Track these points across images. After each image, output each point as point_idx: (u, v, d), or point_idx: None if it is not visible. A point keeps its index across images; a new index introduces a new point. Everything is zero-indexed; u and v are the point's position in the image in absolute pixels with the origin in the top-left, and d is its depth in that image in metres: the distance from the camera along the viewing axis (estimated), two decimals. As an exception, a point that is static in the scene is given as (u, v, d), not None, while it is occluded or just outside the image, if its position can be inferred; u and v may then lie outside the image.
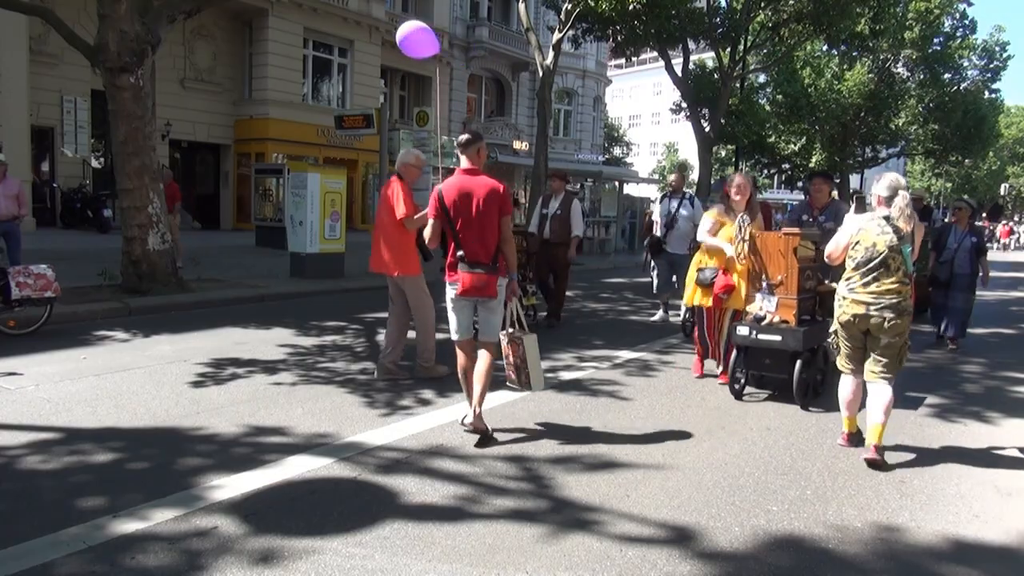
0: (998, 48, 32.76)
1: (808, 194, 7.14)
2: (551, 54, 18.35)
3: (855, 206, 4.78)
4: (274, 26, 23.16)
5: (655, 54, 23.48)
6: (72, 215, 19.19)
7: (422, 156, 5.88)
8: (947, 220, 9.43)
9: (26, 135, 17.63)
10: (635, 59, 26.58)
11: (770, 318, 5.33)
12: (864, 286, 4.17)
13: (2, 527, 2.99)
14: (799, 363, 5.20)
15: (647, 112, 65.29)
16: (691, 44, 22.07)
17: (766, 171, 37.19)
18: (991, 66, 33.15)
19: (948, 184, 52.86)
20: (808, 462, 4.17)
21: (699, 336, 6.18)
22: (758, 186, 28.83)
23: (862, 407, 4.36)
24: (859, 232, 4.25)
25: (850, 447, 4.41)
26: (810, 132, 31.72)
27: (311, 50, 24.92)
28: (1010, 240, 42.72)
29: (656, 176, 46.83)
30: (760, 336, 5.30)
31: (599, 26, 19.03)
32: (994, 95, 35.47)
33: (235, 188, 24.23)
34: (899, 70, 31.75)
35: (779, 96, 30.28)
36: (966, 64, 32.67)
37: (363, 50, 25.89)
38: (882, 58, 29.99)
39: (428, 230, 4.43)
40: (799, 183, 33.69)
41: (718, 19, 21.34)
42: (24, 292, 6.59)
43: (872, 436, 4.13)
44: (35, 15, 10.79)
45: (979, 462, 4.32)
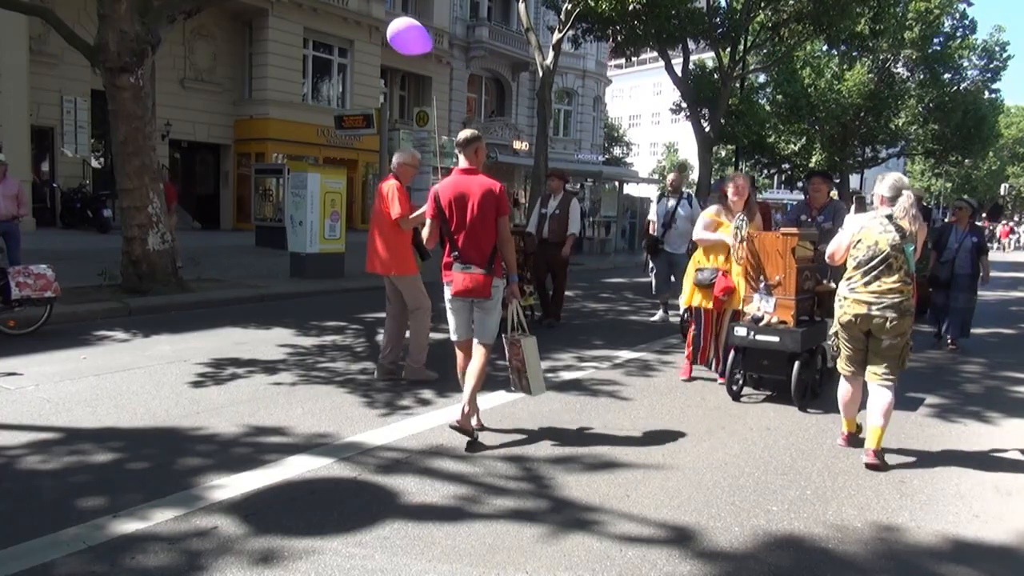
0: (998, 48, 32.78)
1: (807, 194, 7.12)
2: (551, 54, 18.36)
3: (854, 207, 4.77)
4: (274, 26, 23.18)
5: (655, 54, 23.47)
6: (72, 215, 19.20)
7: (418, 155, 5.86)
8: (947, 220, 9.43)
9: (26, 135, 17.65)
10: (635, 59, 26.58)
11: (768, 319, 5.30)
12: (865, 285, 4.13)
13: (2, 527, 2.99)
14: (797, 364, 5.18)
15: (647, 112, 65.29)
16: (691, 44, 22.06)
17: (766, 171, 37.20)
18: (991, 66, 33.17)
19: (948, 184, 52.86)
20: (808, 462, 4.17)
21: (693, 338, 6.02)
22: (757, 186, 28.86)
23: (862, 407, 4.35)
24: (861, 231, 4.21)
25: (849, 447, 4.41)
26: (810, 132, 31.72)
27: (311, 50, 24.94)
28: (1010, 240, 42.72)
29: (656, 176, 46.81)
30: (758, 337, 5.27)
31: (599, 26, 19.04)
32: (994, 95, 35.52)
33: (235, 188, 24.25)
34: (899, 70, 31.76)
35: (779, 96, 30.28)
36: (966, 64, 32.69)
37: (363, 50, 25.91)
38: (882, 58, 30.00)
39: (426, 230, 4.42)
40: (799, 183, 33.69)
41: (718, 19, 21.33)
42: (24, 292, 6.59)
43: (871, 440, 4.10)
44: (35, 15, 10.79)
45: (979, 462, 4.32)
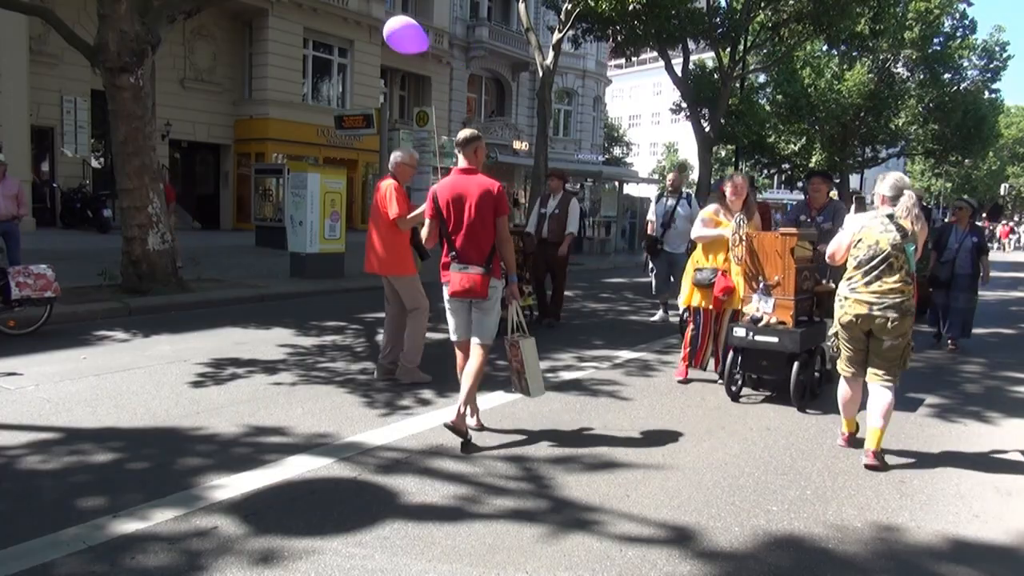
0: (998, 48, 32.78)
1: (807, 194, 7.12)
2: (551, 54, 18.36)
3: (854, 207, 4.75)
4: (274, 26, 23.18)
5: (655, 54, 23.47)
6: (72, 215, 19.20)
7: (416, 155, 5.85)
8: (947, 220, 9.43)
9: (26, 135, 17.65)
10: (635, 59, 26.58)
11: (767, 319, 5.29)
12: (866, 285, 4.11)
13: (2, 527, 2.99)
14: (796, 365, 5.17)
15: (647, 112, 65.30)
16: (691, 44, 22.05)
17: (766, 171, 37.20)
18: (991, 66, 33.16)
19: (948, 184, 52.88)
20: (808, 462, 4.17)
21: (691, 339, 5.95)
22: (757, 186, 28.83)
23: (862, 408, 4.34)
24: (862, 230, 4.19)
25: (849, 447, 4.41)
26: (810, 132, 31.72)
27: (311, 50, 24.94)
28: (1010, 240, 42.72)
29: (656, 176, 46.82)
30: (757, 337, 5.26)
31: (599, 26, 19.03)
32: (994, 95, 35.51)
33: (235, 188, 24.25)
34: (899, 70, 31.75)
35: (779, 96, 30.28)
36: (966, 64, 32.68)
37: (363, 50, 25.91)
38: (882, 58, 30.00)
39: (425, 230, 4.42)
40: (799, 183, 33.69)
41: (718, 19, 21.33)
42: (24, 292, 6.59)
43: (871, 441, 4.09)
44: (35, 15, 10.79)
45: (979, 462, 4.32)
